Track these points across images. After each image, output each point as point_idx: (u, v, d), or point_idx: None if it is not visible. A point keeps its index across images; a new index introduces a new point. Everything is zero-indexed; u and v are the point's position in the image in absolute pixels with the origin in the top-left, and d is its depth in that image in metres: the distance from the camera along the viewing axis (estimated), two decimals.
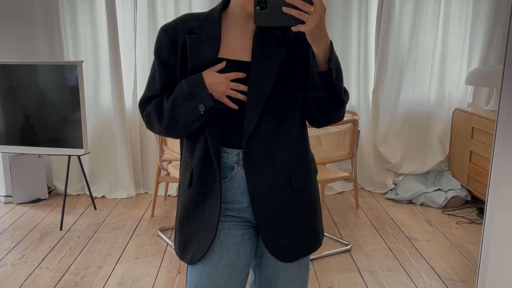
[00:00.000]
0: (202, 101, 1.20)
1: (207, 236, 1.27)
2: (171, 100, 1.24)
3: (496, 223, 1.92)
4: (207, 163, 1.27)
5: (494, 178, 1.89)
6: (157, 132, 1.32)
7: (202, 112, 1.20)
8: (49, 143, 3.48)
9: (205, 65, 1.23)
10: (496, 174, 1.89)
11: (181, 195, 1.36)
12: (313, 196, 1.37)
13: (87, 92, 3.90)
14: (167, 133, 1.29)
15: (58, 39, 3.85)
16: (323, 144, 3.19)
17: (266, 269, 1.37)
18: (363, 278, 2.68)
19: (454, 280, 2.67)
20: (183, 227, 1.34)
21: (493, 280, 1.98)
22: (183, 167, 1.36)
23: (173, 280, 2.65)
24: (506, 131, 1.84)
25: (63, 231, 3.32)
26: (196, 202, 1.30)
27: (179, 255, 1.35)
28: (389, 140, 4.16)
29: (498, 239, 1.94)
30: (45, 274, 2.73)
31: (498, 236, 1.93)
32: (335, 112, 1.25)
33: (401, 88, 4.05)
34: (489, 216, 1.93)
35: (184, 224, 1.33)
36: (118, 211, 3.73)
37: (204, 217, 1.29)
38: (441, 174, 4.12)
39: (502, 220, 1.92)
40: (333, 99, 1.21)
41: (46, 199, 3.96)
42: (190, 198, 1.31)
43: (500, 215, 1.91)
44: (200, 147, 1.27)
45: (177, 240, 1.36)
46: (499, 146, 1.86)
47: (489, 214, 1.93)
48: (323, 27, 1.10)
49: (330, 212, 3.69)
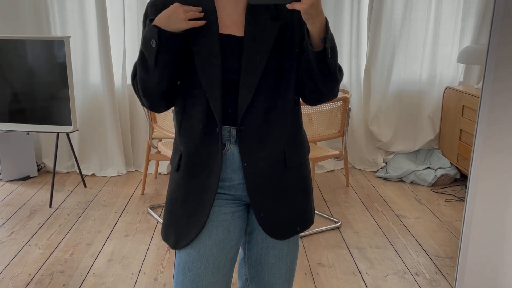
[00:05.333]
0: (152, 37, 1.17)
1: (194, 223, 1.26)
2: (138, 58, 1.23)
3: (478, 197, 1.95)
4: (199, 146, 1.25)
5: (477, 151, 1.91)
6: (143, 103, 1.29)
7: (154, 45, 1.16)
8: (37, 120, 3.44)
9: (207, 42, 1.20)
10: (479, 148, 1.90)
11: (170, 177, 1.35)
12: (306, 175, 1.36)
13: (75, 69, 3.84)
14: (145, 99, 1.25)
15: (45, 15, 3.77)
16: (314, 122, 3.18)
17: (255, 247, 1.37)
18: (352, 254, 2.71)
19: (441, 256, 2.70)
20: (168, 210, 1.33)
21: (474, 253, 2.01)
22: (174, 148, 1.34)
23: (163, 257, 2.66)
24: (490, 106, 1.85)
25: (52, 209, 3.31)
26: (182, 186, 1.29)
27: (163, 236, 1.35)
28: (380, 119, 4.16)
29: (480, 211, 1.97)
30: (34, 251, 2.72)
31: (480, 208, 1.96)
32: (329, 90, 1.24)
33: (393, 67, 4.04)
34: (472, 190, 1.95)
35: (169, 207, 1.32)
36: (108, 189, 3.72)
37: (190, 203, 1.27)
38: (431, 152, 4.14)
39: (484, 193, 1.94)
40: (327, 77, 1.19)
41: (35, 176, 3.93)
42: (176, 182, 1.30)
43: (482, 187, 1.93)
44: (194, 130, 1.25)
45: (163, 222, 1.36)
46: (482, 123, 1.87)
47: (472, 187, 1.95)
48: (318, 5, 1.08)
49: (321, 190, 3.70)
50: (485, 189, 1.94)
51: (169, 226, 1.31)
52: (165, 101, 1.27)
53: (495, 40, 1.80)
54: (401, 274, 2.51)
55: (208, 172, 1.25)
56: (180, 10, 1.17)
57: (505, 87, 1.83)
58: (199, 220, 1.25)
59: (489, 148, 1.90)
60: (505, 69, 1.81)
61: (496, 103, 1.85)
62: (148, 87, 1.23)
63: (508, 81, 1.82)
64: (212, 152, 1.24)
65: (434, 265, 2.61)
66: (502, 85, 1.83)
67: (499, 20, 1.77)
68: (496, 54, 1.80)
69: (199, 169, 1.26)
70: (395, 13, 3.93)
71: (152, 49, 1.17)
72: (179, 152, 1.29)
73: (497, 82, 1.82)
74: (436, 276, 2.50)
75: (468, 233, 1.99)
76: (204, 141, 1.24)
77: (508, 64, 1.81)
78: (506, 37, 1.79)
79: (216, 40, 1.20)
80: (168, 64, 1.19)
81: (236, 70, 1.21)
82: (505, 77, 1.82)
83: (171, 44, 1.18)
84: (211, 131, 1.23)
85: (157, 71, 1.19)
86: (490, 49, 1.82)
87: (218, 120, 1.21)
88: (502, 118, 1.86)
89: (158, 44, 1.16)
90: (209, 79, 1.20)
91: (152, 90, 1.23)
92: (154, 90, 1.23)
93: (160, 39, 1.16)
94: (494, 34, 1.80)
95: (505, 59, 1.80)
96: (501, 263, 2.02)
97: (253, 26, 1.21)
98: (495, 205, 1.96)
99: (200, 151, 1.25)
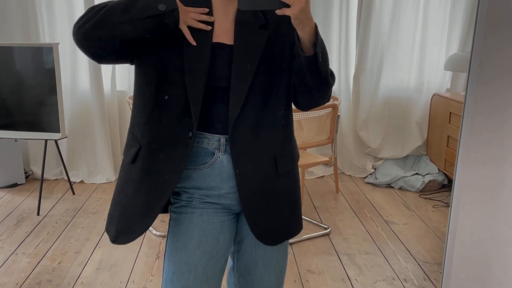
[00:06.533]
0: (163, 1, 1.11)
1: (139, 221, 1.24)
2: None
3: (462, 203, 1.97)
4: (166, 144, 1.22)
5: (461, 157, 1.93)
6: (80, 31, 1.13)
7: (164, 10, 1.10)
8: (25, 127, 3.42)
9: (200, 50, 1.19)
10: (463, 154, 1.92)
11: (122, 168, 1.32)
12: (296, 180, 1.38)
13: (64, 75, 3.82)
14: (94, 27, 1.11)
15: (33, 21, 3.75)
16: (304, 129, 3.20)
17: (244, 255, 1.38)
18: (341, 261, 2.72)
19: (429, 262, 2.72)
20: (116, 202, 1.31)
21: (459, 259, 2.03)
22: (130, 138, 1.29)
23: (152, 265, 2.65)
24: (473, 115, 1.88)
25: (40, 216, 3.28)
26: (134, 180, 1.26)
27: (106, 227, 1.34)
28: (369, 125, 4.19)
29: (465, 217, 1.99)
30: (21, 259, 2.69)
31: (465, 214, 1.98)
32: (321, 95, 1.25)
33: (381, 74, 4.07)
34: (456, 196, 1.97)
35: (117, 199, 1.31)
36: (97, 196, 3.69)
37: (140, 199, 1.25)
38: (419, 158, 4.18)
39: (469, 199, 1.97)
40: (319, 82, 1.20)
41: (23, 184, 3.90)
42: (128, 175, 1.28)
43: (466, 194, 1.96)
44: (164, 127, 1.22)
45: (109, 212, 1.34)
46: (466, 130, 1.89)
47: (456, 193, 1.97)
48: (308, 10, 1.09)
49: (310, 197, 3.71)
50: (470, 195, 1.96)
51: (113, 219, 1.31)
52: (111, 46, 1.15)
53: (477, 49, 1.83)
54: (390, 281, 2.53)
55: (166, 172, 1.22)
56: (187, 12, 1.17)
57: (488, 93, 1.86)
58: (145, 220, 1.24)
59: (473, 154, 1.92)
60: (488, 76, 1.84)
61: (480, 110, 1.88)
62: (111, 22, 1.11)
63: (491, 88, 1.85)
64: (178, 153, 1.22)
65: (422, 271, 2.63)
66: (486, 91, 1.86)
67: (482, 28, 1.80)
68: (479, 62, 1.83)
69: (158, 167, 1.23)
70: (383, 21, 3.97)
71: (155, 9, 1.10)
72: (138, 144, 1.25)
73: (480, 88, 1.85)
74: (424, 282, 2.52)
75: (453, 239, 2.01)
76: (173, 141, 1.22)
77: (491, 71, 1.84)
78: (488, 47, 1.81)
79: (208, 47, 1.20)
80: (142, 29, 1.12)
81: (226, 78, 1.21)
82: (488, 83, 1.85)
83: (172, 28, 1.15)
84: (183, 134, 1.21)
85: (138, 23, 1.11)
86: (473, 58, 1.85)
87: (195, 124, 1.20)
88: (486, 124, 1.89)
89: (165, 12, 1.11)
90: (194, 82, 1.19)
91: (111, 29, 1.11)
92: (114, 30, 1.11)
93: (171, 15, 1.12)
94: (477, 42, 1.83)
95: (488, 66, 1.83)
96: (486, 268, 2.04)
97: (242, 35, 1.22)
98: (480, 211, 1.99)
99: (165, 150, 1.22)
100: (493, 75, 1.84)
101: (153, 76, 1.21)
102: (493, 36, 1.81)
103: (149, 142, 1.23)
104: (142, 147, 1.24)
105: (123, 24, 1.11)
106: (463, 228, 2.00)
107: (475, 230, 2.00)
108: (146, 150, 1.24)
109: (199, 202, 1.28)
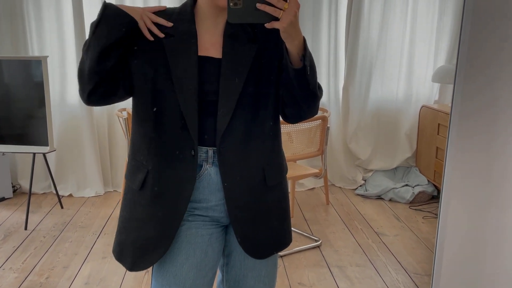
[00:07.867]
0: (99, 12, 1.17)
1: (156, 246, 1.24)
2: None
3: (450, 215, 1.98)
4: (172, 167, 1.23)
5: (448, 168, 1.94)
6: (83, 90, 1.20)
7: (101, 10, 1.15)
8: (13, 140, 3.38)
9: (185, 64, 1.19)
10: (450, 165, 1.94)
11: (127, 195, 1.32)
12: (285, 193, 1.38)
13: (53, 89, 3.80)
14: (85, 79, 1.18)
15: (22, 34, 3.74)
16: (294, 141, 3.20)
17: (233, 268, 1.36)
18: (332, 273, 2.71)
19: (420, 274, 2.72)
20: (125, 229, 1.30)
21: (448, 271, 2.03)
22: (134, 165, 1.29)
23: (141, 279, 2.62)
24: (459, 127, 1.90)
25: (28, 231, 3.24)
26: (145, 205, 1.26)
27: (116, 256, 1.32)
28: (358, 137, 4.21)
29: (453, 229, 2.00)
30: (9, 275, 2.65)
31: (453, 225, 1.99)
32: (309, 107, 1.26)
33: (370, 86, 4.11)
34: (444, 208, 1.98)
35: (126, 226, 1.30)
36: (85, 209, 3.66)
37: (152, 224, 1.25)
38: (409, 170, 4.19)
39: (457, 210, 1.98)
40: (307, 94, 1.21)
41: (10, 198, 3.85)
42: (137, 201, 1.27)
43: (454, 205, 1.97)
44: (168, 150, 1.23)
45: (117, 241, 1.33)
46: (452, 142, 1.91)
47: (444, 205, 1.98)
48: (297, 24, 1.10)
49: (301, 209, 3.71)
50: (457, 206, 1.97)
51: (126, 247, 1.29)
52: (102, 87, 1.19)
53: (462, 61, 1.86)
54: None
55: (177, 194, 1.23)
56: (141, 11, 1.19)
57: (473, 106, 1.88)
58: (162, 243, 1.23)
59: (460, 165, 1.93)
60: (473, 87, 1.86)
61: (466, 122, 1.90)
62: (87, 65, 1.17)
63: (477, 96, 1.87)
64: (186, 175, 1.23)
65: (413, 282, 2.62)
66: (471, 104, 1.88)
67: (466, 41, 1.82)
68: (464, 72, 1.85)
69: (168, 191, 1.24)
70: (372, 34, 4.02)
71: (94, 24, 1.16)
72: (144, 169, 1.26)
73: (465, 101, 1.87)
74: None
75: (442, 250, 2.02)
76: (178, 163, 1.23)
77: (476, 82, 1.86)
78: (472, 60, 1.84)
79: (194, 62, 1.20)
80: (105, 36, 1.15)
81: (214, 92, 1.21)
82: (473, 95, 1.87)
83: (115, 20, 1.16)
84: (186, 153, 1.22)
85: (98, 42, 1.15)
86: (458, 69, 1.87)
87: (195, 141, 1.21)
88: (472, 136, 1.91)
89: (102, 13, 1.15)
90: (186, 100, 1.19)
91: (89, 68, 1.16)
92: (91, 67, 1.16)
93: (105, 10, 1.16)
94: (461, 54, 1.85)
95: (473, 78, 1.86)
96: (475, 279, 2.05)
97: (231, 48, 1.22)
98: (468, 222, 1.99)
99: (173, 172, 1.23)
100: (478, 86, 1.86)
101: (148, 97, 1.22)
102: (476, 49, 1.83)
103: (157, 166, 1.24)
104: (149, 172, 1.25)
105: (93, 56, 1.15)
106: (451, 240, 2.00)
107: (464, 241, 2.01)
108: (155, 175, 1.24)
109: (188, 215, 1.27)
